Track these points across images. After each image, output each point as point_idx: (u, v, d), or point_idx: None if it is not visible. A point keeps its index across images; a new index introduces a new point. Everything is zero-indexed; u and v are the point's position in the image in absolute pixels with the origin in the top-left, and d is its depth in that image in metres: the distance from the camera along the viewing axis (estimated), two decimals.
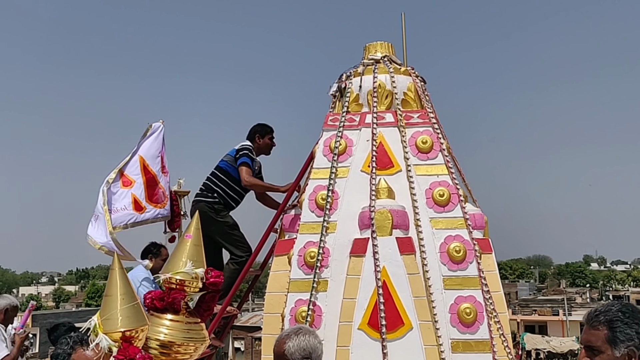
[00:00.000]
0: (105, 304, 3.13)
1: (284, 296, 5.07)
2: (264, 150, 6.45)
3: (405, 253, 4.81)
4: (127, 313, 3.08)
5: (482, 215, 5.48)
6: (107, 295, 3.16)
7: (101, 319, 3.06)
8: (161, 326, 3.56)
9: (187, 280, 3.60)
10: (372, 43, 6.03)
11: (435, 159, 5.34)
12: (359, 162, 5.36)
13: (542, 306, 53.39)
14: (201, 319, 3.76)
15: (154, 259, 6.12)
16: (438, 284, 4.87)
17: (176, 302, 3.56)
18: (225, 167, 6.26)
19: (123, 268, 3.26)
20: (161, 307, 3.58)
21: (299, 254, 5.09)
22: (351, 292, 4.79)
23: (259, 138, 6.38)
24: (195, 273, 3.59)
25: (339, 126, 5.52)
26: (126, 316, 3.08)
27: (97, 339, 3.00)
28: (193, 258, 3.63)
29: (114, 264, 3.25)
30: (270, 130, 6.45)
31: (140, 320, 3.12)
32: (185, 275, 3.59)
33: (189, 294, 3.68)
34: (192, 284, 3.63)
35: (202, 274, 3.65)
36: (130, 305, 3.09)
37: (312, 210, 5.24)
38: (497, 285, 5.11)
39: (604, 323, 2.53)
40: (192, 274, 3.59)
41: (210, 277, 3.73)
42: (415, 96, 5.68)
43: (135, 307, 3.10)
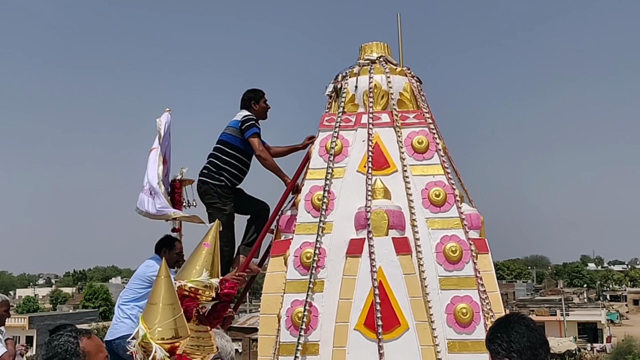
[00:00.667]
0: (150, 311, 3.09)
1: (280, 297, 5.07)
2: (262, 116, 6.35)
3: (401, 253, 4.81)
4: (172, 325, 3.06)
5: (478, 216, 5.47)
6: (153, 303, 3.12)
7: (149, 328, 3.02)
8: None
9: (201, 289, 3.58)
10: (368, 43, 6.03)
11: (431, 159, 5.34)
12: (355, 163, 5.36)
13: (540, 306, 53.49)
14: (210, 327, 3.75)
15: (167, 252, 6.12)
16: (434, 284, 4.87)
17: (189, 310, 3.54)
18: (231, 140, 6.15)
19: (169, 276, 3.21)
20: None
21: (295, 254, 5.08)
22: (347, 293, 4.78)
23: (255, 104, 6.29)
24: (210, 282, 3.59)
25: (335, 126, 5.51)
26: (171, 328, 3.05)
27: (154, 348, 2.97)
28: (209, 267, 3.61)
29: (161, 272, 3.21)
30: (263, 93, 6.39)
31: (183, 331, 3.11)
32: (200, 284, 3.57)
33: (202, 303, 3.66)
34: (205, 293, 3.61)
35: (217, 284, 3.64)
36: (175, 318, 3.06)
37: (308, 211, 5.24)
38: (493, 285, 5.10)
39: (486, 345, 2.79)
40: (207, 283, 3.58)
41: (224, 288, 3.72)
42: (411, 96, 5.68)
43: (179, 319, 3.08)
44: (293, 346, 4.74)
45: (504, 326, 2.72)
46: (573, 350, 42.95)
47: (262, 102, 6.33)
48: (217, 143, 6.22)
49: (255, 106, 6.28)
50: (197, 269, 3.59)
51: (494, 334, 2.74)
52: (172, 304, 3.11)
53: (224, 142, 6.18)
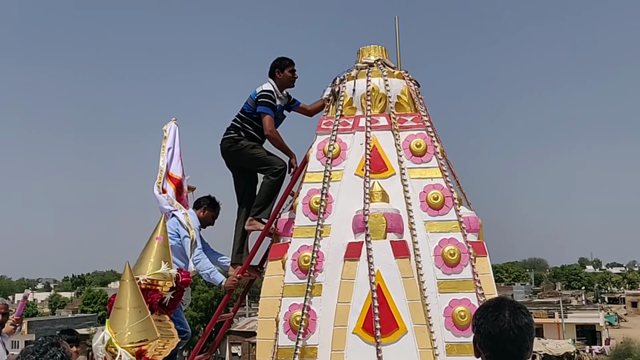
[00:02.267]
0: (117, 316, 3.12)
1: (278, 301, 5.05)
2: (287, 84, 6.31)
3: (399, 257, 4.80)
4: (139, 328, 3.09)
5: (476, 219, 5.47)
6: (118, 307, 3.15)
7: (115, 333, 3.04)
8: None
9: (161, 280, 3.69)
10: (366, 47, 6.04)
11: (429, 162, 5.33)
12: (352, 166, 5.36)
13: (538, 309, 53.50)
14: (167, 314, 3.86)
15: (205, 211, 6.31)
16: (432, 288, 4.86)
17: (154, 302, 3.66)
18: (248, 110, 6.19)
19: (134, 280, 3.25)
20: None
21: (293, 258, 5.07)
22: (345, 296, 4.77)
23: (279, 72, 6.25)
24: (169, 274, 3.70)
25: (333, 130, 5.51)
26: (138, 330, 3.07)
27: (119, 354, 2.99)
28: (164, 259, 3.72)
29: (125, 275, 3.25)
30: (289, 62, 6.32)
31: (151, 334, 3.13)
32: (160, 275, 3.68)
33: (164, 293, 3.76)
34: (165, 284, 3.72)
35: (176, 274, 3.75)
36: (142, 320, 3.09)
37: (306, 214, 5.23)
38: (491, 288, 5.08)
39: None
40: (167, 275, 3.69)
41: (182, 277, 3.84)
42: (409, 99, 5.68)
43: (146, 322, 3.11)
44: (291, 350, 4.73)
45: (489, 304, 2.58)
46: (571, 352, 42.95)
47: (287, 71, 6.26)
48: (239, 112, 6.26)
49: (279, 74, 6.24)
50: (153, 262, 3.70)
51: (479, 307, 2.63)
52: (138, 307, 3.16)
53: (244, 110, 6.22)
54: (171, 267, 3.78)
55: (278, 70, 6.24)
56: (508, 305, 2.50)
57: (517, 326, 2.44)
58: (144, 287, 3.68)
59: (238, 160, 6.13)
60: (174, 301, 3.88)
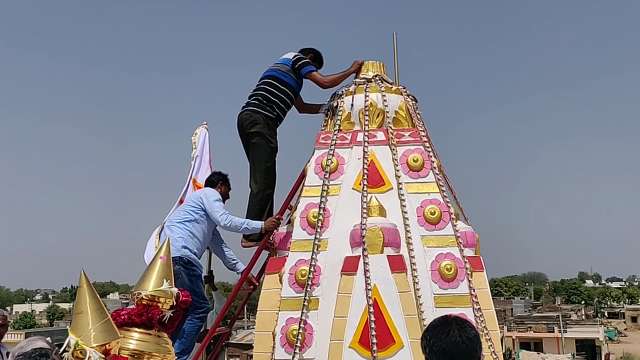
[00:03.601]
0: (78, 321, 3.21)
1: (275, 314, 5.07)
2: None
3: (396, 271, 4.81)
4: (102, 328, 3.19)
5: (473, 233, 5.50)
6: (79, 312, 3.24)
7: (80, 336, 3.12)
8: (131, 338, 3.71)
9: (162, 297, 3.76)
10: (364, 62, 6.09)
11: (426, 177, 5.36)
12: (350, 180, 5.38)
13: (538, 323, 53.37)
14: (167, 333, 3.92)
15: (222, 187, 6.15)
16: (429, 302, 4.87)
17: (154, 317, 3.72)
18: (281, 76, 6.12)
19: (91, 285, 3.34)
20: (139, 322, 3.72)
21: (290, 272, 5.09)
22: (342, 311, 4.78)
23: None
24: (170, 292, 3.76)
25: (331, 144, 5.55)
26: (101, 331, 3.17)
27: (88, 353, 3.06)
28: (167, 277, 3.79)
29: (82, 282, 3.34)
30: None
31: (114, 334, 3.25)
32: (162, 292, 3.75)
33: (164, 311, 3.82)
34: (167, 301, 3.79)
35: (177, 292, 3.82)
36: (104, 321, 3.18)
37: (303, 228, 5.25)
38: (488, 303, 5.11)
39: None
40: (168, 292, 3.76)
41: (182, 296, 3.89)
42: (406, 115, 5.73)
43: (108, 322, 3.21)
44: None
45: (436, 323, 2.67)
46: None
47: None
48: (267, 78, 6.15)
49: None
50: (155, 280, 3.78)
51: (426, 328, 2.70)
52: (97, 309, 3.25)
53: (275, 77, 6.13)
54: (173, 286, 3.84)
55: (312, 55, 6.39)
56: (455, 321, 2.64)
57: (467, 338, 2.56)
58: (145, 303, 3.75)
59: (256, 144, 5.97)
60: (173, 320, 3.92)
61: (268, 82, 6.12)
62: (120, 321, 3.69)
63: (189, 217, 5.77)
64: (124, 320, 3.74)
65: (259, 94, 6.09)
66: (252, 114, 6.01)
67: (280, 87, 6.10)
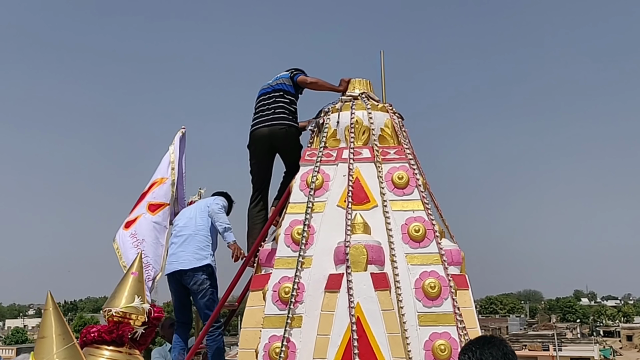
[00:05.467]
0: (41, 345, 3.13)
1: (259, 332, 5.03)
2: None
3: (379, 289, 4.79)
4: (65, 354, 3.10)
5: (458, 251, 5.48)
6: (42, 337, 3.17)
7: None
8: (101, 356, 3.64)
9: (133, 314, 3.71)
10: (351, 80, 6.11)
11: (411, 195, 5.35)
12: (335, 197, 5.38)
13: (533, 341, 53.23)
14: (138, 350, 3.87)
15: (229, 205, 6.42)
16: (413, 321, 4.84)
17: (125, 335, 3.68)
18: (289, 89, 6.15)
19: (57, 308, 3.28)
20: (110, 339, 3.68)
21: (273, 289, 5.06)
22: (325, 329, 4.75)
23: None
24: (142, 308, 3.73)
25: (316, 161, 5.55)
26: (65, 357, 3.09)
27: None
28: (139, 293, 3.76)
29: (48, 304, 3.28)
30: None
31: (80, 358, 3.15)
32: (133, 309, 3.71)
33: (135, 327, 3.78)
34: (138, 318, 3.75)
35: (149, 308, 3.79)
36: (69, 346, 3.10)
37: (287, 245, 5.23)
38: (473, 321, 5.08)
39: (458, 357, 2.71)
40: (140, 309, 3.72)
41: (154, 312, 3.86)
42: (392, 132, 5.73)
43: (72, 348, 3.12)
44: None
45: (481, 344, 2.67)
46: None
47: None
48: (276, 92, 6.15)
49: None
50: (126, 296, 3.74)
51: (468, 346, 2.70)
52: (62, 334, 3.18)
53: (284, 90, 6.15)
54: (144, 302, 3.81)
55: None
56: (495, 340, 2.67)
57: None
58: (116, 320, 3.71)
59: (286, 146, 6.00)
60: (146, 336, 3.89)
61: (281, 95, 6.12)
62: (90, 339, 3.65)
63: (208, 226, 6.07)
64: (94, 338, 3.70)
65: (280, 106, 6.08)
66: (287, 128, 6.03)
67: (292, 100, 6.15)
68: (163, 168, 6.50)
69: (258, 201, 6.11)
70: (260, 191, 6.12)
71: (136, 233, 6.04)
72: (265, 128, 6.00)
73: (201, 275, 5.86)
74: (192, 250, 5.93)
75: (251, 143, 6.12)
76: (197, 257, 5.91)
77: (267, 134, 5.99)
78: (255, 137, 6.05)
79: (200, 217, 6.12)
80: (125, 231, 6.02)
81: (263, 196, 6.14)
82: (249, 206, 6.15)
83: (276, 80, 6.22)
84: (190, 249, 5.94)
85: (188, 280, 5.84)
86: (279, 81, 6.20)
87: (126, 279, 3.85)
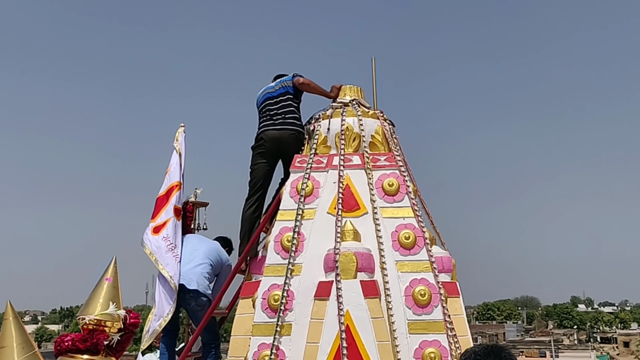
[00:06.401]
0: (2, 355, 3.11)
1: (248, 339, 5.01)
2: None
3: (369, 297, 4.76)
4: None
5: (449, 258, 5.47)
6: (3, 346, 3.14)
7: None
8: None
9: (108, 321, 3.67)
10: (342, 86, 6.09)
11: (401, 202, 5.34)
12: (325, 204, 5.36)
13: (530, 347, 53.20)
14: (115, 357, 3.82)
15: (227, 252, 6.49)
16: (403, 328, 4.82)
17: (100, 343, 3.63)
18: (293, 92, 6.12)
19: (18, 317, 3.26)
20: (84, 348, 3.63)
21: (263, 296, 5.04)
22: (314, 336, 4.73)
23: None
24: (117, 315, 3.69)
25: (307, 168, 5.53)
26: None
27: None
28: (113, 300, 3.71)
29: (7, 314, 3.25)
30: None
31: None
32: (108, 316, 3.67)
33: (111, 335, 3.73)
34: (113, 325, 3.70)
35: (124, 315, 3.74)
36: (29, 355, 3.09)
37: (277, 252, 5.21)
38: (464, 329, 5.06)
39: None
40: (115, 316, 3.68)
41: (130, 319, 3.81)
42: (382, 139, 5.73)
43: (34, 356, 3.11)
44: None
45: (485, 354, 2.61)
46: None
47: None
48: (284, 94, 6.11)
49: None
50: (101, 303, 3.70)
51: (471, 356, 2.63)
52: (22, 343, 3.17)
53: (291, 94, 6.11)
54: (120, 308, 3.77)
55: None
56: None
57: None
58: (91, 328, 3.67)
59: (293, 152, 5.92)
60: (122, 343, 3.85)
61: (288, 99, 6.10)
62: (64, 348, 3.61)
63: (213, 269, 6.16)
64: (68, 347, 3.65)
65: (289, 110, 6.07)
66: (297, 134, 6.01)
67: (299, 102, 6.14)
68: (177, 171, 6.44)
69: (256, 206, 6.03)
70: (259, 195, 6.06)
71: (168, 236, 5.98)
72: (275, 131, 5.98)
73: (204, 298, 5.89)
74: (202, 277, 5.99)
75: (259, 144, 6.06)
76: (205, 284, 6.00)
77: (277, 137, 5.97)
78: (264, 138, 6.01)
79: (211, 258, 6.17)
80: (157, 236, 5.96)
81: (260, 201, 6.08)
82: (244, 209, 6.05)
83: (280, 83, 6.20)
84: (199, 273, 5.97)
85: (190, 299, 5.84)
86: (283, 84, 6.18)
87: (100, 286, 3.81)
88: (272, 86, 6.22)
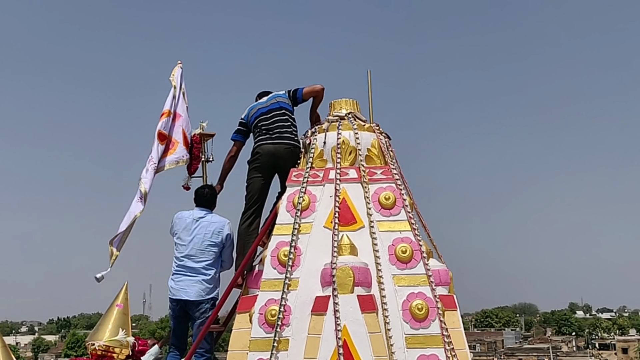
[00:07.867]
0: None
1: (245, 355, 5.00)
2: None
3: (366, 311, 4.76)
4: None
5: (446, 271, 5.46)
6: None
7: None
8: None
9: (117, 347, 3.68)
10: (338, 100, 6.09)
11: (398, 215, 5.34)
12: (322, 218, 5.35)
13: (528, 354, 53.17)
14: None
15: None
16: (400, 343, 4.81)
17: None
18: (289, 108, 6.18)
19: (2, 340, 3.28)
20: None
21: (260, 311, 5.03)
22: (311, 352, 4.71)
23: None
24: (126, 341, 3.69)
25: (303, 182, 5.53)
26: None
27: None
28: (123, 326, 3.72)
29: None
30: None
31: None
32: (116, 342, 3.67)
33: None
34: (122, 352, 3.70)
35: (133, 341, 3.74)
36: None
37: (274, 267, 5.20)
38: (461, 342, 5.06)
39: None
40: (124, 342, 3.68)
41: (139, 345, 3.81)
42: (379, 152, 5.73)
43: None
44: None
45: None
46: None
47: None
48: (278, 110, 6.14)
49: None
50: (110, 329, 3.72)
51: None
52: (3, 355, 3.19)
53: (286, 109, 6.16)
54: (129, 335, 3.77)
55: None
56: None
57: None
58: (100, 354, 3.67)
59: (288, 166, 5.91)
60: None
61: (284, 114, 6.13)
62: None
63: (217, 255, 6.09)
64: None
65: (289, 124, 6.11)
66: (293, 148, 6.04)
67: (294, 118, 6.19)
68: (169, 101, 6.67)
69: (252, 220, 6.03)
70: (255, 209, 6.06)
71: (152, 158, 6.39)
72: (271, 145, 5.99)
73: (206, 305, 5.88)
74: (201, 284, 5.94)
75: (255, 159, 6.06)
76: (206, 290, 5.94)
77: (273, 151, 5.98)
78: (260, 152, 6.02)
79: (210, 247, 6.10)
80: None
81: (257, 215, 6.08)
82: (240, 223, 6.07)
83: (274, 98, 6.22)
84: (199, 280, 5.95)
85: (193, 309, 5.85)
86: (278, 99, 6.21)
87: (110, 312, 3.82)
88: (263, 102, 6.25)
